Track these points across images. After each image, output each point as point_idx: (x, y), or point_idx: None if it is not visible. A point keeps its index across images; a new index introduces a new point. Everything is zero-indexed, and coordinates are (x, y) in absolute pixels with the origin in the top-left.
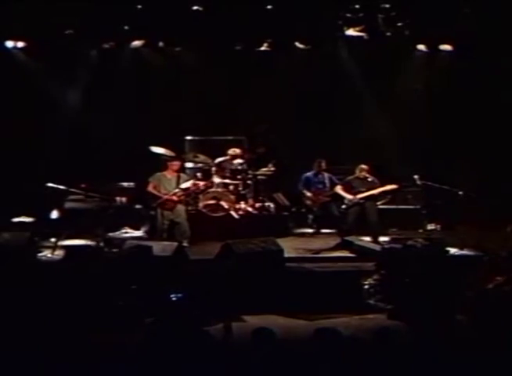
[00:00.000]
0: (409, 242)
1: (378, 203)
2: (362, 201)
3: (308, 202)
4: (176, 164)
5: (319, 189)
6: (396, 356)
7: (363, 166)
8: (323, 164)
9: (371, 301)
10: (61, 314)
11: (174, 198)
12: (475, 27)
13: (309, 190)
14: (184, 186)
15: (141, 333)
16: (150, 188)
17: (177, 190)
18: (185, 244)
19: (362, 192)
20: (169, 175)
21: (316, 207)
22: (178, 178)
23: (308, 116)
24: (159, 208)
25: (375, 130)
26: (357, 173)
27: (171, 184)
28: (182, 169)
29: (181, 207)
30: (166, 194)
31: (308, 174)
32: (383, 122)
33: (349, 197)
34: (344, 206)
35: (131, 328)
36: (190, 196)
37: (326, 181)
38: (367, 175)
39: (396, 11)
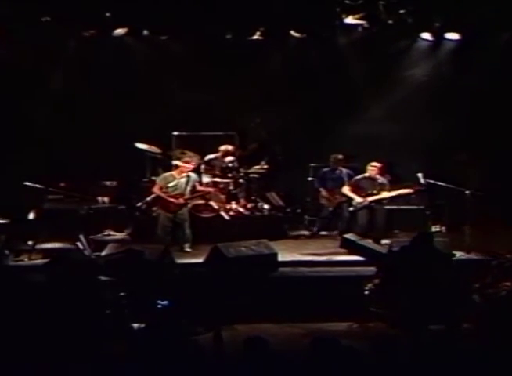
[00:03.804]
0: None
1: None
2: (372, 204)
3: (324, 201)
4: (188, 167)
5: (336, 186)
6: (398, 366)
7: (374, 164)
8: (342, 160)
9: (372, 308)
10: (43, 323)
11: (181, 201)
12: (483, 13)
13: (325, 188)
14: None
15: (127, 343)
16: (156, 189)
17: (185, 192)
18: (187, 250)
19: (372, 194)
20: (178, 175)
21: (332, 207)
22: (188, 178)
23: (303, 110)
24: (161, 210)
25: (375, 124)
26: (367, 171)
27: (179, 185)
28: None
29: (185, 210)
30: (173, 196)
31: (325, 170)
32: (383, 116)
33: (358, 199)
34: (351, 208)
35: (118, 338)
36: (198, 199)
37: (344, 178)
38: (377, 176)
39: None
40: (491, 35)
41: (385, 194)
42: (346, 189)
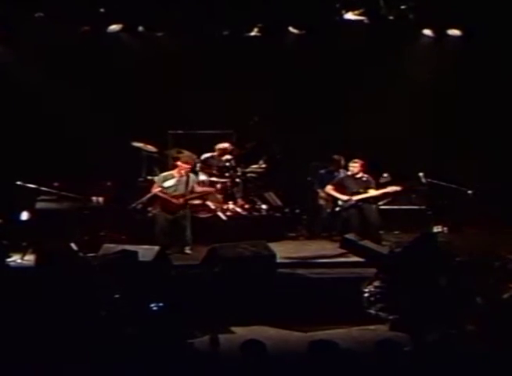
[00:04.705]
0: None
1: (380, 203)
2: (359, 203)
3: (322, 202)
4: (187, 166)
5: None
6: (399, 371)
7: (356, 160)
8: (342, 162)
9: (371, 311)
10: (36, 324)
11: (181, 201)
12: (486, 9)
13: (324, 190)
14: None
15: (121, 346)
16: (156, 189)
17: (185, 193)
18: (187, 252)
19: (357, 192)
20: (177, 175)
21: (331, 209)
22: (188, 178)
23: (302, 108)
24: (160, 211)
25: (376, 123)
26: (349, 168)
27: (179, 185)
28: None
29: (186, 211)
30: (174, 197)
31: (323, 171)
32: (384, 114)
33: (344, 198)
34: (337, 208)
35: (113, 340)
36: (200, 199)
37: (337, 178)
38: (361, 174)
39: None
40: (495, 31)
41: (372, 192)
42: (330, 189)
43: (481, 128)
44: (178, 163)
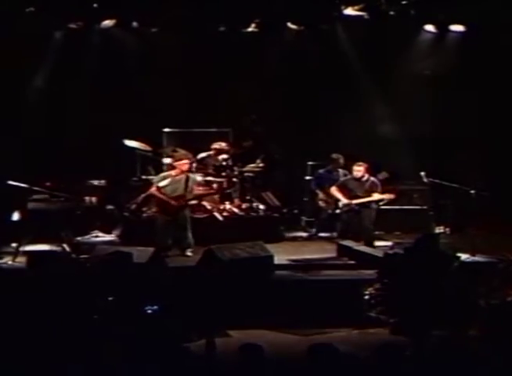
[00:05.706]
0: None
1: (380, 203)
2: (357, 207)
3: (322, 203)
4: (185, 164)
5: None
6: (399, 375)
7: (360, 164)
8: (341, 160)
9: (372, 314)
10: (26, 328)
11: (181, 202)
12: (489, 4)
13: (323, 190)
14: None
15: (116, 351)
16: (154, 191)
17: (185, 193)
18: (188, 254)
19: (360, 196)
20: (176, 175)
21: (331, 210)
22: (187, 179)
23: (301, 106)
24: (159, 213)
25: (376, 121)
26: (353, 171)
27: (179, 186)
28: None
29: (186, 213)
30: (173, 198)
31: (321, 171)
32: (385, 112)
33: (345, 201)
34: (338, 211)
35: (107, 345)
36: (200, 200)
37: (342, 179)
38: (365, 176)
39: None
40: (498, 27)
41: (374, 197)
42: (334, 190)
43: (484, 126)
44: (175, 163)
